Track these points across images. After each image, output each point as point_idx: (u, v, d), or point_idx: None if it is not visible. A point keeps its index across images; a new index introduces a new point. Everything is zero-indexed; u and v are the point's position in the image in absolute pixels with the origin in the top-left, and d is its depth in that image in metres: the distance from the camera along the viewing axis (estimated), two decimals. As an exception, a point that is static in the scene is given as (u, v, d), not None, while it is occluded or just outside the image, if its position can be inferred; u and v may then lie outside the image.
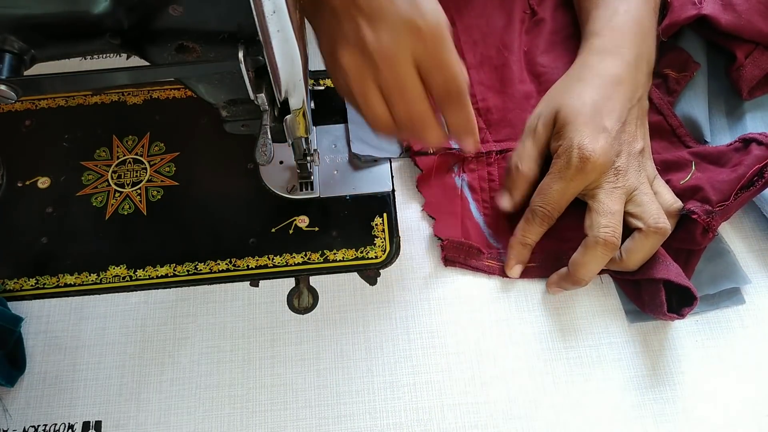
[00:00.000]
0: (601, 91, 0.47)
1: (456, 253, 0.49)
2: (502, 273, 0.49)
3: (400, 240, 0.51)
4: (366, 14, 0.40)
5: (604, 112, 0.46)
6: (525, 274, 0.49)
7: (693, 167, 0.48)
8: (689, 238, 0.46)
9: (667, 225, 0.44)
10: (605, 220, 0.44)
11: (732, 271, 0.48)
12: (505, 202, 0.49)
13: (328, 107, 0.56)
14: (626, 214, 0.45)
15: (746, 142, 0.48)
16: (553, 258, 0.48)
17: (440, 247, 0.49)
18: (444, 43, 0.40)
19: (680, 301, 0.45)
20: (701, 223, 0.45)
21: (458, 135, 0.44)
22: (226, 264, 0.50)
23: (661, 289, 0.44)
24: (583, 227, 0.45)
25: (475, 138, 0.44)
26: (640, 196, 0.45)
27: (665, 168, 0.49)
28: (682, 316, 0.44)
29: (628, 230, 0.45)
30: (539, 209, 0.47)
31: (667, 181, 0.48)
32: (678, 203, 0.47)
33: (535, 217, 0.47)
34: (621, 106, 0.47)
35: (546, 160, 0.48)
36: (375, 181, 0.53)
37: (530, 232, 0.48)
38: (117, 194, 0.53)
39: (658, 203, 0.46)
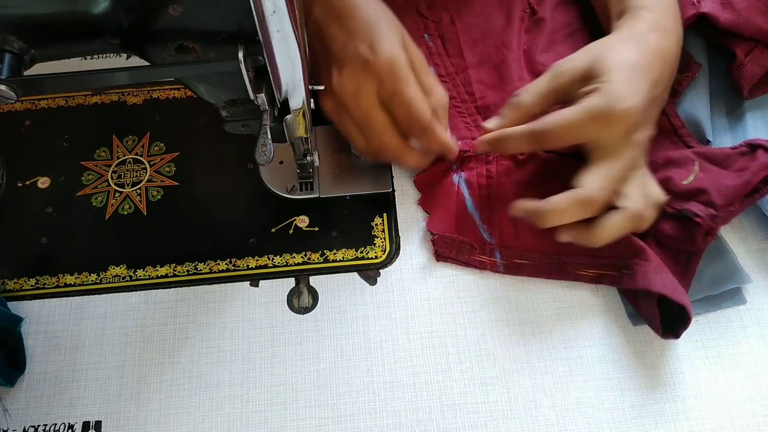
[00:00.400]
0: (644, 59, 0.45)
1: (447, 249, 0.49)
2: (495, 269, 0.49)
3: (400, 240, 0.51)
4: (335, 60, 0.45)
5: (644, 74, 0.44)
6: (518, 271, 0.49)
7: (696, 167, 0.48)
8: (690, 240, 0.46)
9: (651, 215, 0.44)
10: (604, 182, 0.43)
11: (733, 271, 0.48)
12: (489, 123, 0.48)
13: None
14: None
15: (752, 147, 0.47)
16: (547, 259, 0.48)
17: (431, 242, 0.49)
18: (399, 80, 0.44)
19: (681, 310, 0.44)
20: (704, 226, 0.45)
21: (436, 154, 0.50)
22: (226, 264, 0.50)
23: (657, 314, 0.44)
24: (570, 185, 0.43)
25: (453, 153, 0.49)
26: (637, 177, 0.45)
27: (667, 165, 0.49)
28: (676, 336, 0.44)
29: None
30: (540, 127, 0.44)
31: (668, 178, 0.48)
32: (663, 196, 0.46)
33: (532, 133, 0.45)
34: (657, 78, 0.45)
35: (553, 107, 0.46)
36: (375, 181, 0.53)
37: (516, 140, 0.46)
38: (117, 194, 0.53)
39: (646, 192, 0.45)
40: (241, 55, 0.35)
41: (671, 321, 0.44)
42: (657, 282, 0.43)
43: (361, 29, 0.45)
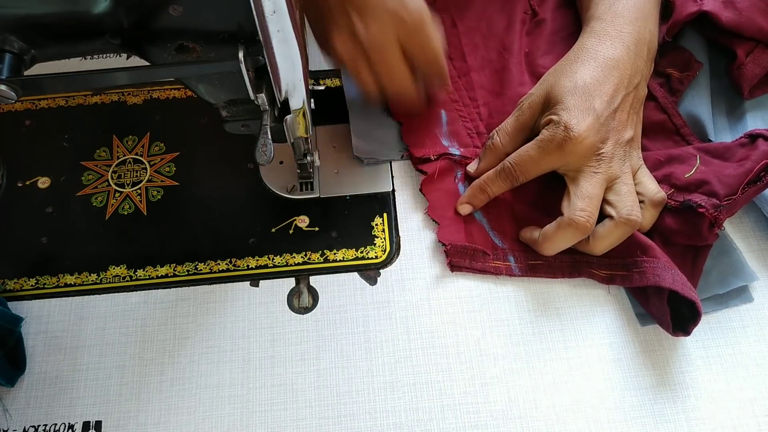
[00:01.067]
0: (595, 73, 0.47)
1: (461, 258, 0.49)
2: (511, 273, 0.49)
3: (400, 240, 0.51)
4: (357, 8, 0.46)
5: (595, 94, 0.46)
6: (533, 272, 0.49)
7: (698, 161, 0.48)
8: (696, 233, 0.46)
9: (638, 218, 0.45)
10: (582, 204, 0.45)
11: (740, 269, 0.48)
12: (470, 167, 0.52)
13: (328, 107, 0.56)
14: (603, 201, 0.46)
15: (752, 137, 0.48)
16: (561, 258, 0.48)
17: (444, 253, 0.49)
18: (425, 30, 0.47)
19: (691, 308, 0.44)
20: (709, 217, 0.45)
21: (436, 88, 0.53)
22: (226, 264, 0.50)
23: (667, 311, 0.44)
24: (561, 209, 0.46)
25: (447, 85, 0.53)
26: (619, 185, 0.46)
27: (669, 161, 0.49)
28: (687, 333, 0.44)
29: (602, 216, 0.46)
30: (507, 164, 0.48)
31: (670, 174, 0.48)
32: (661, 193, 0.47)
33: (501, 171, 0.48)
34: (614, 91, 0.47)
35: (526, 141, 0.49)
36: (375, 181, 0.53)
37: (493, 183, 0.49)
38: (117, 194, 0.53)
39: (635, 195, 0.46)
40: (241, 55, 0.35)
41: (680, 320, 0.44)
42: (667, 278, 0.44)
43: None
